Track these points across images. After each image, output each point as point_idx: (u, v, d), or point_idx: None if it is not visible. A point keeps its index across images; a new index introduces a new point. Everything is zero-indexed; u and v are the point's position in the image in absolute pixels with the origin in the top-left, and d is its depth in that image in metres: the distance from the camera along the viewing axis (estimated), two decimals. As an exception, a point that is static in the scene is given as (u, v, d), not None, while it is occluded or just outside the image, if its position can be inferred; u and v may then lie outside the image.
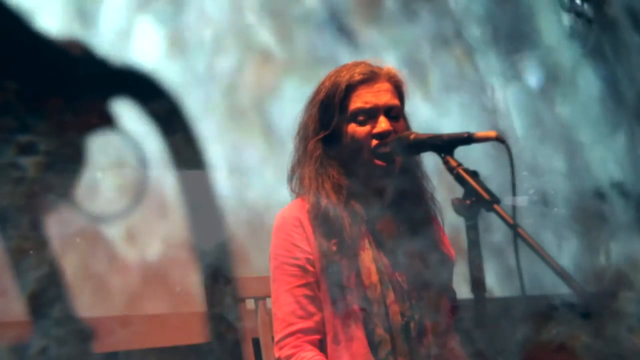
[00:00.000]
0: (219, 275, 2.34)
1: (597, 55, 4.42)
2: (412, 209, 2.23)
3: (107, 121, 2.46)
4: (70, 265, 2.39)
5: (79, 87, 2.40)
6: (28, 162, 2.17)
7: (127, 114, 2.56)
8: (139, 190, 2.61)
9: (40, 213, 2.25)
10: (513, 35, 4.21)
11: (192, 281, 2.80)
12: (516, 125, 4.10)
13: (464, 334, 2.20)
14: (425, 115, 3.64)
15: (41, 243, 2.27)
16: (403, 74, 2.26)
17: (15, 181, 2.17)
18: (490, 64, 4.09)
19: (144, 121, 2.63)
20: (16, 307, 2.22)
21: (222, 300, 2.33)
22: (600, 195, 4.19)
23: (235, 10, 3.27)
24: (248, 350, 2.35)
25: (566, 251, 3.88)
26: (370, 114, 2.17)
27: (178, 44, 3.01)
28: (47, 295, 2.27)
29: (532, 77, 4.25)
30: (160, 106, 2.65)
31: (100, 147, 2.55)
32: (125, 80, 2.60)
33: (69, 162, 2.36)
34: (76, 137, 2.36)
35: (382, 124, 2.15)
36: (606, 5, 4.47)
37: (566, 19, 4.43)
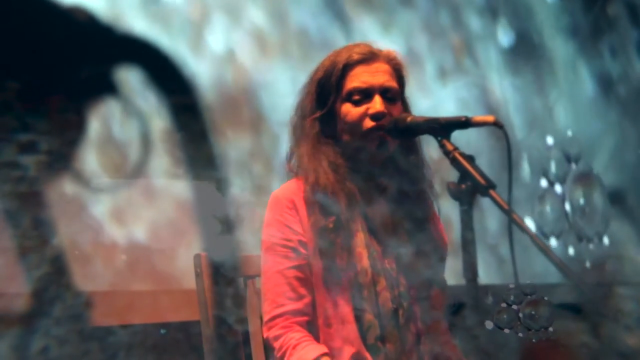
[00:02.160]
0: (220, 276, 2.33)
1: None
2: (407, 196, 2.21)
3: (110, 87, 2.44)
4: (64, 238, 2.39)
5: (81, 82, 2.39)
6: (29, 161, 2.17)
7: (132, 85, 2.55)
8: (139, 163, 2.59)
9: (41, 212, 2.25)
10: (511, 27, 4.20)
11: (181, 262, 2.79)
12: (514, 119, 4.10)
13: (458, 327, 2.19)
14: (420, 105, 3.62)
15: (43, 242, 2.26)
16: (403, 57, 2.24)
17: (16, 180, 2.16)
18: (489, 55, 4.08)
19: (149, 94, 2.61)
20: (17, 306, 2.22)
21: (223, 303, 2.32)
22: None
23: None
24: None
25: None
26: (365, 94, 2.15)
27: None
28: (48, 294, 2.26)
29: (529, 71, 4.23)
30: (169, 81, 2.64)
31: (101, 117, 2.54)
32: (131, 49, 2.58)
33: (71, 161, 2.35)
34: (78, 136, 2.36)
35: (377, 104, 2.13)
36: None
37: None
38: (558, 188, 4.15)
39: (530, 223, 4.01)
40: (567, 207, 4.15)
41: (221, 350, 2.28)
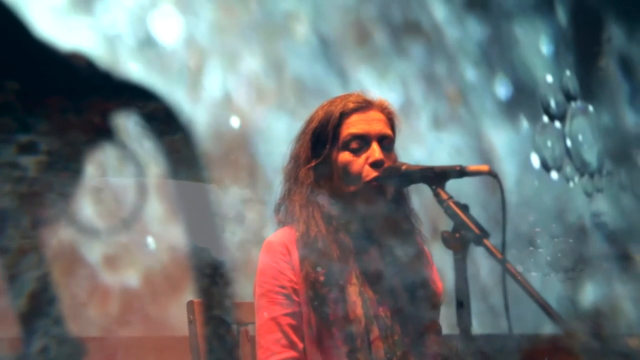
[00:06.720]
0: (217, 276, 2.32)
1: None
2: (400, 243, 2.21)
3: (107, 132, 2.45)
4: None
5: (80, 89, 2.40)
6: (29, 162, 2.17)
7: (129, 130, 2.56)
8: (135, 208, 2.59)
9: (40, 213, 2.24)
10: (506, 76, 4.23)
11: (175, 307, 2.78)
12: (509, 169, 4.11)
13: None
14: (414, 154, 3.63)
15: (41, 242, 2.25)
16: (394, 107, 2.26)
17: (15, 181, 2.16)
18: (484, 105, 4.11)
19: (146, 139, 2.62)
20: (16, 306, 2.20)
21: (221, 302, 2.31)
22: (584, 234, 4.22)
23: (224, 40, 3.27)
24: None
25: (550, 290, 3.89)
26: (363, 141, 2.16)
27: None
28: (47, 294, 2.25)
29: (524, 119, 4.26)
30: (166, 127, 2.65)
31: (99, 160, 2.55)
32: (128, 95, 2.60)
33: (70, 161, 2.35)
34: (77, 137, 2.36)
35: (376, 153, 2.13)
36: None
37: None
38: (557, 124, 4.23)
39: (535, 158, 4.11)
40: (568, 142, 4.23)
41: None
